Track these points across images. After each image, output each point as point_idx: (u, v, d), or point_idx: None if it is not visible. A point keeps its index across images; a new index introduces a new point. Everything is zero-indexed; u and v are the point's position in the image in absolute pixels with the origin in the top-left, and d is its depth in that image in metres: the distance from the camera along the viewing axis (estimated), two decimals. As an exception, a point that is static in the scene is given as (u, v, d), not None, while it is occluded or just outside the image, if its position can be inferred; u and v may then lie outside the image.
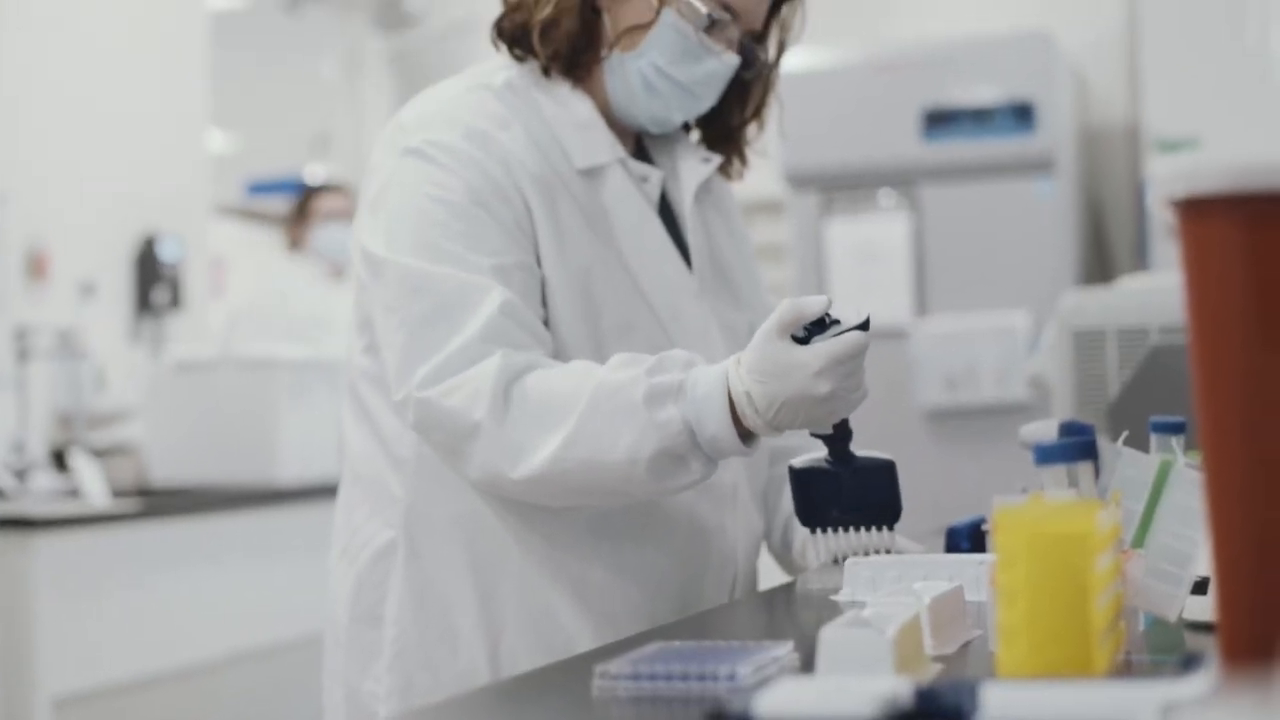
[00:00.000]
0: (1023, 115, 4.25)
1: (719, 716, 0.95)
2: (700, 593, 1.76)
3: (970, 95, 4.29)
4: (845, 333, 1.53)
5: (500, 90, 1.76)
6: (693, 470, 1.58)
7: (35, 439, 4.13)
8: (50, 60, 4.53)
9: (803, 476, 1.68)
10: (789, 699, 0.94)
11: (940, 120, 4.31)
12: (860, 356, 1.54)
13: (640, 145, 1.87)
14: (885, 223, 4.36)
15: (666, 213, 1.82)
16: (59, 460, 4.12)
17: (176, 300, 4.83)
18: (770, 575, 1.89)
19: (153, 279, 4.77)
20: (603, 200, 1.76)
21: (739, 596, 1.80)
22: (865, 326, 1.54)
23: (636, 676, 1.12)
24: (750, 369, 1.54)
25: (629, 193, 1.77)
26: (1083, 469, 1.22)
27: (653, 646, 1.20)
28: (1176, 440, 1.31)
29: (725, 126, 1.89)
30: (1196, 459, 1.21)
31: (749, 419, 1.54)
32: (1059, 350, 2.47)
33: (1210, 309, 0.93)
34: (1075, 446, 1.21)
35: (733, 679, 1.09)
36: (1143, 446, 1.30)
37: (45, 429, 4.30)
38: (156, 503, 3.84)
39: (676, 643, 1.22)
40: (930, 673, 1.13)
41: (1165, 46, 4.41)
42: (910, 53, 4.43)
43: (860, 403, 1.58)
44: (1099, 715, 0.89)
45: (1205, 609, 1.23)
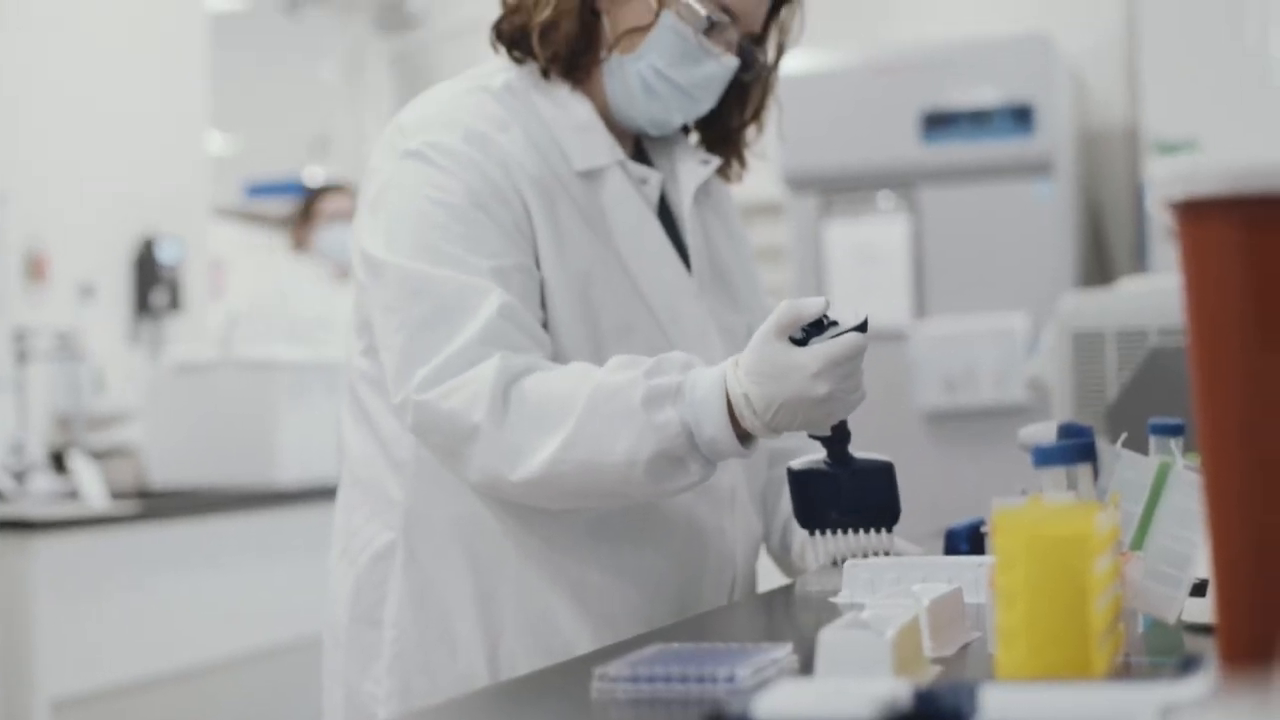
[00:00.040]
0: (1022, 117, 4.25)
1: (718, 718, 0.95)
2: (699, 595, 1.76)
3: (969, 97, 4.29)
4: (843, 334, 1.53)
5: (499, 92, 1.76)
6: (691, 472, 1.58)
7: (34, 441, 4.13)
8: (50, 61, 4.53)
9: (801, 478, 1.68)
10: (788, 701, 0.94)
11: (939, 122, 4.31)
12: (858, 358, 1.54)
13: (639, 147, 1.87)
14: (884, 225, 4.36)
15: (665, 215, 1.82)
16: (58, 462, 4.12)
17: (176, 302, 4.83)
18: (769, 577, 1.89)
19: (152, 281, 4.76)
20: (602, 202, 1.76)
21: (738, 598, 1.80)
22: (863, 328, 1.54)
23: (635, 679, 1.12)
24: (748, 371, 1.54)
25: (628, 195, 1.77)
26: (1082, 471, 1.22)
27: (652, 649, 1.20)
28: (1175, 442, 1.31)
29: (724, 129, 1.89)
30: (1195, 461, 1.21)
31: (747, 421, 1.54)
32: (1058, 352, 2.47)
33: (1209, 311, 0.93)
34: (1074, 448, 1.22)
35: (732, 681, 1.09)
36: (1142, 448, 1.30)
37: (44, 431, 4.30)
38: (156, 504, 3.84)
39: (675, 645, 1.22)
40: (929, 675, 1.13)
41: (1164, 49, 4.41)
42: (909, 55, 4.43)
43: (858, 404, 1.58)
44: (1098, 717, 0.89)
45: (1204, 611, 1.23)
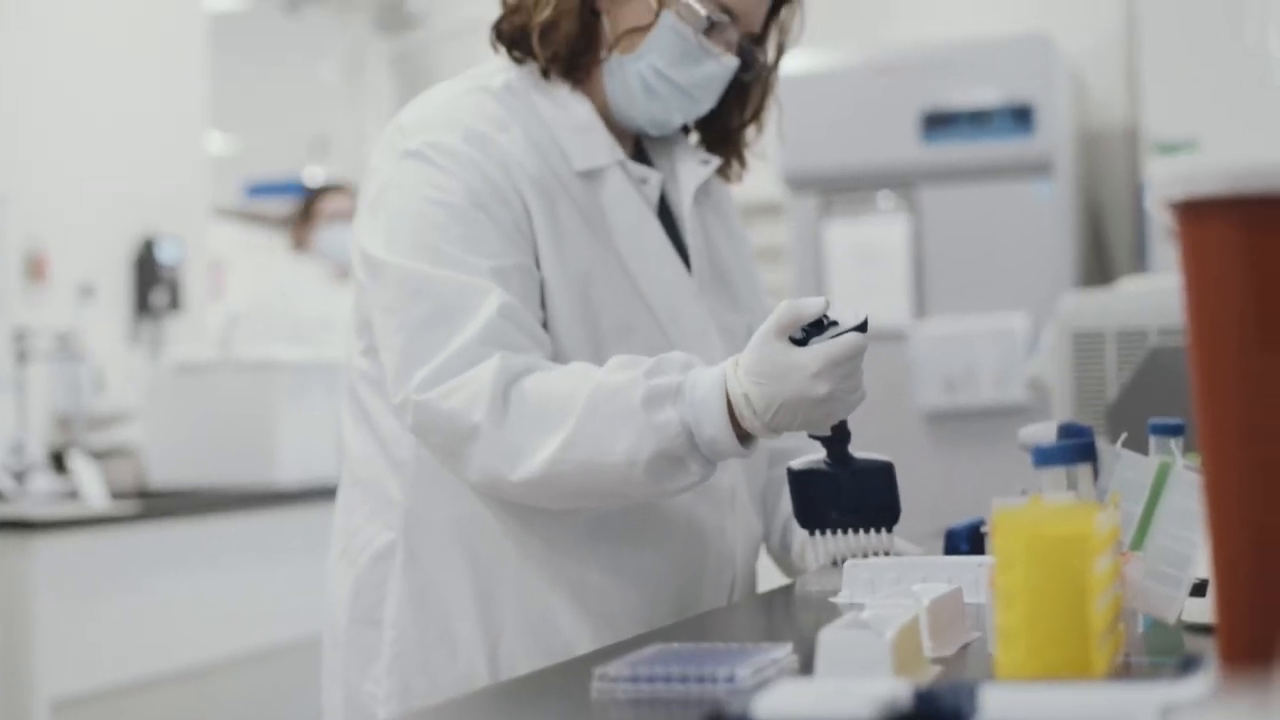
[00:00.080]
0: (1021, 117, 4.25)
1: (718, 718, 0.95)
2: (699, 595, 1.76)
3: (969, 97, 4.29)
4: (843, 334, 1.53)
5: (499, 92, 1.76)
6: (691, 472, 1.58)
7: (34, 441, 4.13)
8: (50, 61, 4.53)
9: (801, 478, 1.68)
10: (788, 701, 0.94)
11: (939, 122, 4.31)
12: (858, 358, 1.54)
13: (639, 147, 1.87)
14: (884, 225, 4.36)
15: (665, 215, 1.82)
16: (58, 462, 4.12)
17: (175, 302, 4.83)
18: (769, 577, 1.89)
19: (152, 281, 4.76)
20: (602, 202, 1.75)
21: (738, 598, 1.80)
22: (863, 328, 1.54)
23: (635, 679, 1.12)
24: (748, 371, 1.54)
25: (628, 195, 1.77)
26: (1081, 471, 1.22)
27: (652, 649, 1.20)
28: (1175, 442, 1.31)
29: (724, 129, 1.89)
30: (1195, 461, 1.21)
31: (747, 421, 1.54)
32: (1058, 352, 2.47)
33: (1209, 311, 0.93)
34: (1074, 448, 1.22)
35: (732, 681, 1.09)
36: (1141, 448, 1.30)
37: (44, 431, 4.30)
38: (155, 505, 3.84)
39: (675, 645, 1.22)
40: (929, 675, 1.13)
41: (1164, 48, 4.41)
42: (909, 55, 4.43)
43: (858, 404, 1.58)
44: (1098, 717, 0.89)
45: (1204, 611, 1.23)
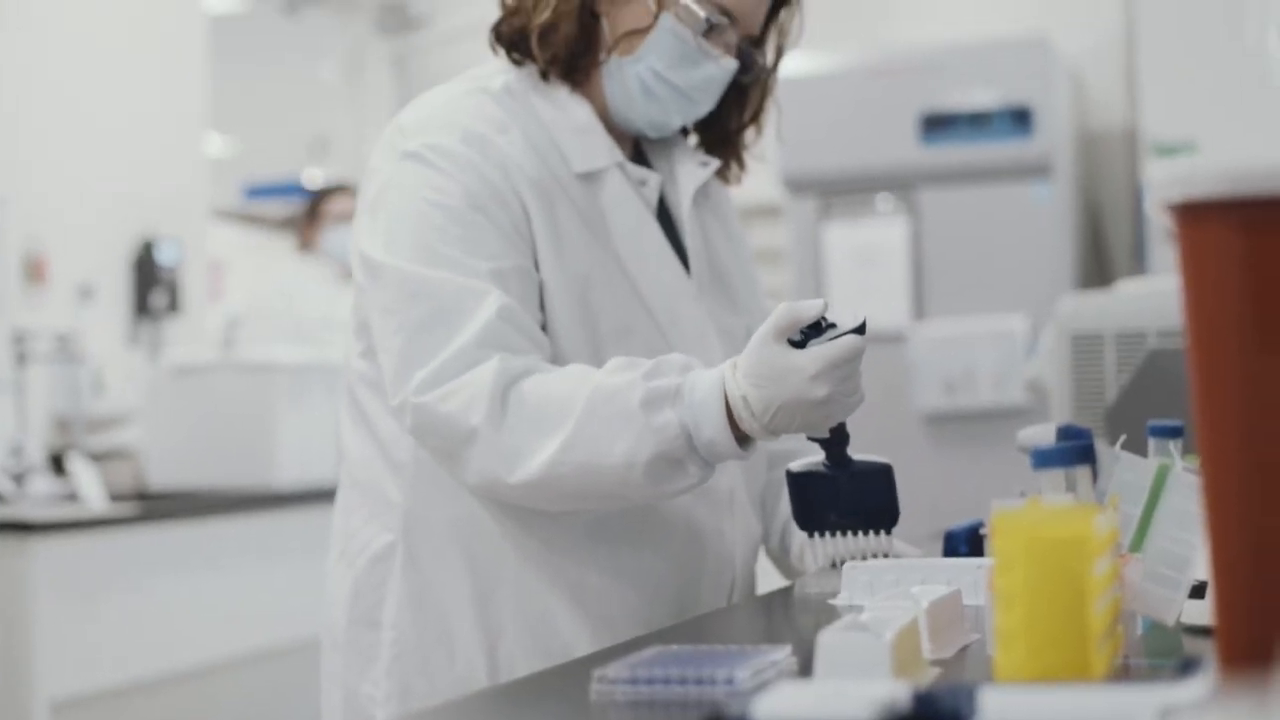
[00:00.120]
0: (1020, 119, 4.25)
1: (717, 720, 0.95)
2: (698, 597, 1.76)
3: (968, 99, 4.29)
4: (841, 336, 1.53)
5: (499, 94, 1.76)
6: (690, 474, 1.58)
7: (33, 443, 4.13)
8: (50, 62, 4.53)
9: (800, 480, 1.68)
10: (787, 703, 0.94)
11: (938, 124, 4.32)
12: (856, 360, 1.54)
13: (638, 149, 1.87)
14: (883, 227, 4.37)
15: (664, 217, 1.82)
16: (57, 464, 4.12)
17: (175, 304, 4.83)
18: (768, 579, 1.89)
19: (151, 282, 4.76)
20: (601, 204, 1.75)
21: (737, 600, 1.80)
22: (861, 330, 1.54)
23: (634, 680, 1.12)
24: (746, 373, 1.54)
25: (627, 197, 1.77)
26: (1080, 473, 1.22)
27: (651, 650, 1.20)
28: (1174, 444, 1.31)
29: (723, 131, 1.89)
30: (1194, 463, 1.21)
31: (745, 423, 1.54)
32: (1057, 354, 2.47)
33: (1207, 313, 0.93)
34: (1073, 450, 1.22)
35: (731, 683, 1.09)
36: (1141, 450, 1.30)
37: (43, 433, 4.30)
38: (154, 506, 3.84)
39: (674, 647, 1.22)
40: (928, 677, 1.13)
41: (1163, 50, 4.41)
42: (908, 57, 4.43)
43: (857, 406, 1.58)
44: (1097, 719, 0.89)
45: (1203, 613, 1.23)
